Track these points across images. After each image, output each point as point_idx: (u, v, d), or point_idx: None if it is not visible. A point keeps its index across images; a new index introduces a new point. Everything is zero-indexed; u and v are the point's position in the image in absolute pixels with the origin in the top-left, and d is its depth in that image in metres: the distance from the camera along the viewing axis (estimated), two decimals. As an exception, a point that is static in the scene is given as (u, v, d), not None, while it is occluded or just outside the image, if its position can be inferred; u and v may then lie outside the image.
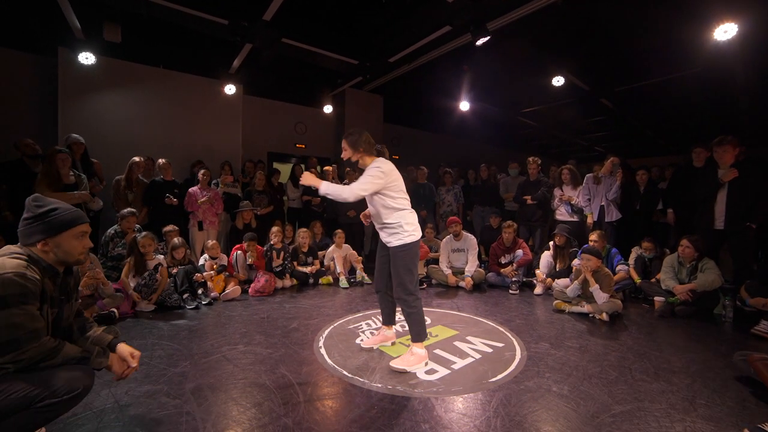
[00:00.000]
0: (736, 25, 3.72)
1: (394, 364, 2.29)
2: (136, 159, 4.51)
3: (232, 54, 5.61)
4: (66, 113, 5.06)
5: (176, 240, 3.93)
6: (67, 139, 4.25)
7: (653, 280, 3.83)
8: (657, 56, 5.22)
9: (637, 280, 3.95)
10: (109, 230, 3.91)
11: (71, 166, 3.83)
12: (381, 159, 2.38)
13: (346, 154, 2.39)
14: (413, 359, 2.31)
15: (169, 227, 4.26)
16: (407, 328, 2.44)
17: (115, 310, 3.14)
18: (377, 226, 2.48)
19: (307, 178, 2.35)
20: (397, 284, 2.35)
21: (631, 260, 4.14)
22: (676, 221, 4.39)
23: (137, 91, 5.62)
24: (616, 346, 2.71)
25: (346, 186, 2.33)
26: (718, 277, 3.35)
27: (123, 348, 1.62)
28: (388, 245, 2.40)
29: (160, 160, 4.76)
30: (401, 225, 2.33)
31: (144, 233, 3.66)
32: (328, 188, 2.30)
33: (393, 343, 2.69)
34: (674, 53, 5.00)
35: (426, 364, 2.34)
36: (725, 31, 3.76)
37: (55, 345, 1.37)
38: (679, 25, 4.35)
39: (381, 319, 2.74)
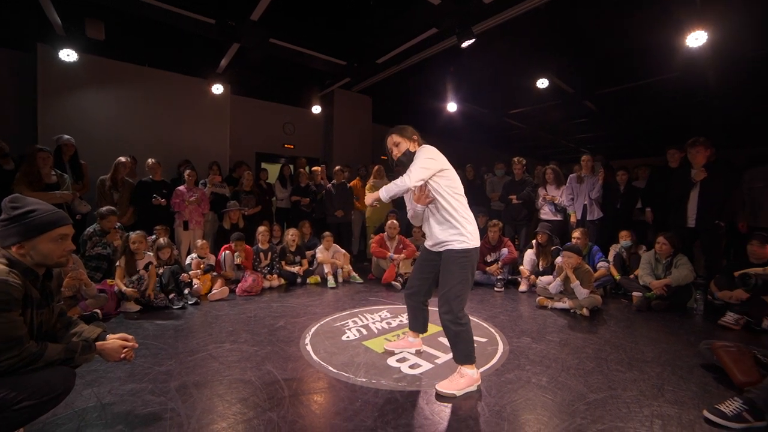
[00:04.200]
0: (706, 33, 3.88)
1: (440, 388, 1.98)
2: (122, 159, 4.46)
3: (220, 53, 5.59)
4: (46, 111, 4.97)
5: (162, 240, 3.90)
6: (58, 140, 4.17)
7: (632, 276, 3.96)
8: (635, 60, 5.40)
9: (617, 276, 4.08)
10: (87, 229, 3.79)
11: (56, 166, 3.78)
12: (427, 146, 2.17)
13: (402, 146, 2.16)
14: (463, 381, 1.99)
15: (160, 227, 4.24)
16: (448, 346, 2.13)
17: (99, 311, 3.10)
18: (425, 226, 2.21)
19: (369, 198, 2.19)
20: (445, 296, 2.02)
21: (611, 257, 4.27)
22: (654, 220, 4.54)
23: (122, 90, 5.55)
24: (595, 339, 2.80)
25: (403, 177, 2.02)
26: (691, 272, 3.51)
27: (113, 336, 1.61)
28: (443, 248, 2.09)
29: (149, 161, 4.72)
30: (462, 224, 2.04)
31: (137, 231, 3.62)
32: (389, 191, 2.05)
33: (419, 352, 2.51)
34: (651, 58, 5.18)
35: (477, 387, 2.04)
36: (696, 38, 3.92)
37: (38, 350, 1.34)
38: (654, 32, 4.52)
39: (408, 323, 2.52)
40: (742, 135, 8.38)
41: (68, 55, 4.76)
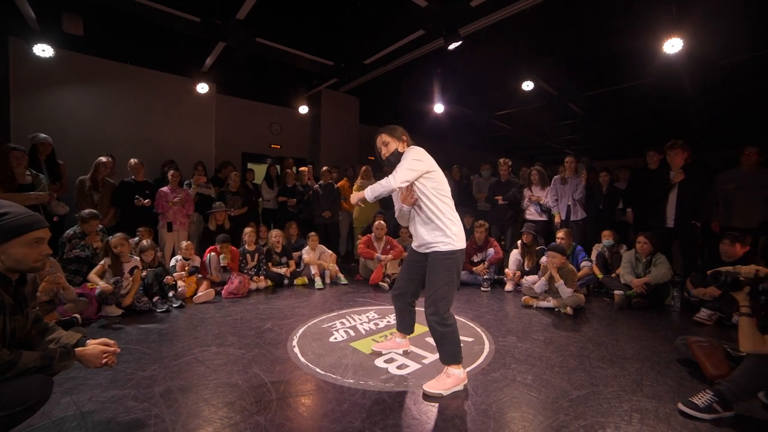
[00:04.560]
0: (682, 41, 4.04)
1: (427, 388, 2.00)
2: (103, 159, 4.34)
3: (205, 52, 5.50)
4: (19, 109, 4.78)
5: (145, 242, 3.82)
6: (33, 138, 4.02)
7: (613, 275, 4.07)
8: (616, 65, 5.55)
9: (599, 275, 4.19)
10: (67, 231, 3.68)
11: (31, 166, 3.65)
12: (415, 147, 2.17)
13: (391, 145, 2.17)
14: (450, 381, 2.01)
15: (143, 228, 4.15)
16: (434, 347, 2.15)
17: (78, 316, 3.00)
18: (412, 227, 2.22)
19: (354, 197, 2.20)
20: (431, 297, 2.05)
21: (593, 256, 4.38)
22: (635, 220, 4.68)
23: (102, 87, 5.39)
24: (578, 337, 2.87)
25: (388, 177, 2.03)
26: (669, 270, 3.65)
27: (93, 342, 1.56)
28: (428, 249, 2.11)
29: (131, 161, 4.60)
30: (447, 226, 2.05)
31: (117, 234, 3.53)
32: (374, 191, 2.07)
33: (407, 352, 2.53)
34: (631, 63, 5.34)
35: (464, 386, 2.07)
36: (673, 45, 4.07)
37: (11, 358, 1.29)
38: (634, 37, 4.66)
39: (395, 323, 2.53)
40: (717, 138, 8.71)
41: (43, 50, 4.58)
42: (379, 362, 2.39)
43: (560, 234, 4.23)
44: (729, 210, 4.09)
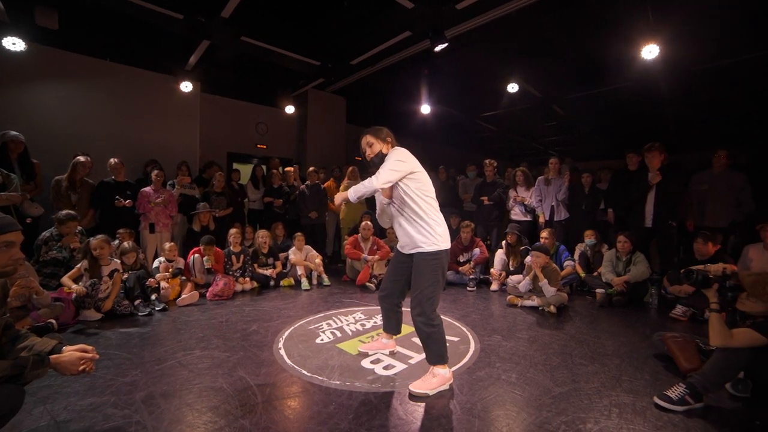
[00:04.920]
0: (658, 47, 4.20)
1: (413, 388, 2.02)
2: (81, 158, 4.20)
3: (188, 50, 5.39)
4: (-14, 104, 4.58)
5: (126, 244, 3.73)
6: (3, 136, 3.86)
7: (595, 273, 4.18)
8: (597, 68, 5.70)
9: (582, 274, 4.29)
10: (43, 233, 3.54)
11: (1, 165, 3.51)
12: (399, 148, 2.19)
13: (376, 147, 2.18)
14: (435, 381, 2.03)
15: (123, 230, 4.03)
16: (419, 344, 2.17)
17: (53, 321, 2.87)
18: (398, 227, 2.20)
19: (338, 198, 2.25)
20: (417, 298, 2.05)
21: (576, 256, 4.48)
22: (615, 220, 4.81)
23: (79, 84, 5.21)
24: (561, 335, 2.94)
25: (371, 178, 2.04)
26: (647, 269, 3.78)
27: (69, 348, 1.49)
28: (413, 250, 2.11)
29: (111, 160, 4.47)
30: (432, 227, 2.06)
31: (98, 236, 3.42)
32: (357, 192, 2.08)
33: (393, 353, 2.54)
34: (611, 67, 5.49)
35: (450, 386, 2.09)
36: (650, 51, 4.23)
37: None
38: (613, 43, 4.80)
39: (381, 324, 2.52)
40: (691, 141, 9.04)
41: (14, 44, 4.39)
42: (366, 363, 2.40)
43: (544, 234, 4.32)
44: (702, 210, 4.26)
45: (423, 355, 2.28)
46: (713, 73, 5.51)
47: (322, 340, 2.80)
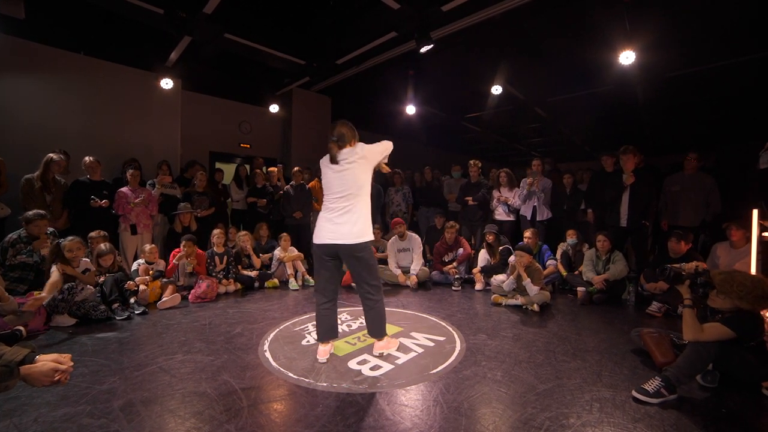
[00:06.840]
0: (634, 53, 4.36)
1: (377, 350, 2.50)
2: (54, 156, 4.02)
3: (169, 45, 5.24)
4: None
5: (103, 246, 3.59)
6: None
7: (577, 272, 4.29)
8: (576, 73, 5.87)
9: (564, 272, 4.40)
10: (10, 235, 3.33)
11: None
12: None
13: (347, 139, 2.43)
14: (390, 343, 2.57)
15: (95, 233, 3.86)
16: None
17: (22, 329, 2.71)
18: (342, 219, 2.32)
19: (384, 167, 2.67)
20: (365, 283, 2.42)
21: (558, 255, 4.59)
22: (595, 220, 4.95)
23: (50, 77, 4.93)
24: (545, 333, 3.00)
25: (385, 143, 2.54)
26: (625, 267, 3.91)
27: (44, 357, 1.41)
28: (355, 242, 2.30)
29: (86, 158, 4.29)
30: (368, 218, 2.37)
31: (71, 237, 3.27)
32: (387, 149, 2.54)
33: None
34: (591, 71, 5.66)
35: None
36: (627, 57, 4.39)
37: None
38: (593, 48, 4.95)
39: (317, 336, 2.49)
40: (664, 144, 9.41)
41: None
42: (353, 364, 2.39)
43: (527, 234, 4.41)
44: (675, 210, 4.44)
45: (409, 356, 2.53)
46: (685, 79, 5.76)
47: (308, 341, 2.78)
